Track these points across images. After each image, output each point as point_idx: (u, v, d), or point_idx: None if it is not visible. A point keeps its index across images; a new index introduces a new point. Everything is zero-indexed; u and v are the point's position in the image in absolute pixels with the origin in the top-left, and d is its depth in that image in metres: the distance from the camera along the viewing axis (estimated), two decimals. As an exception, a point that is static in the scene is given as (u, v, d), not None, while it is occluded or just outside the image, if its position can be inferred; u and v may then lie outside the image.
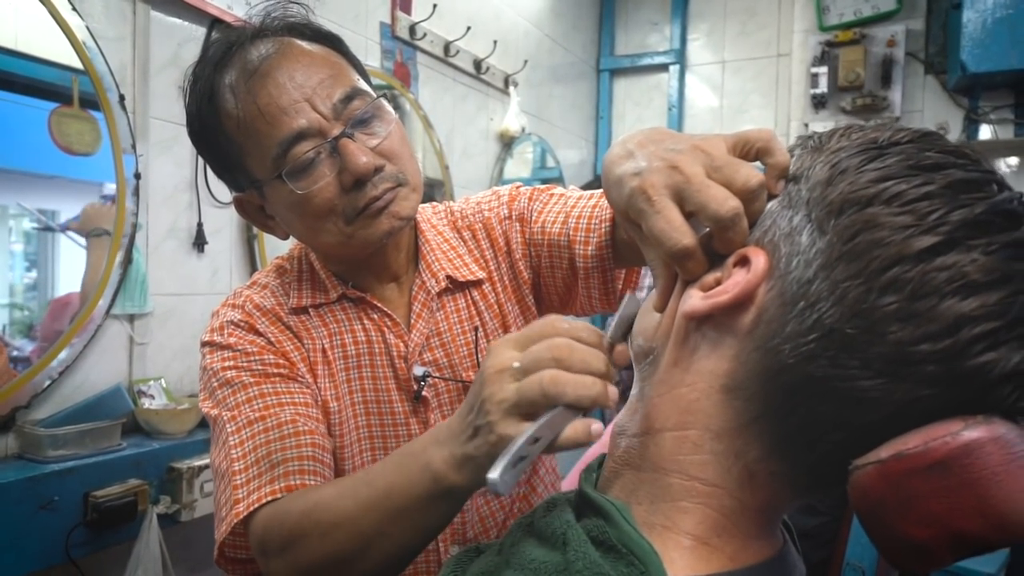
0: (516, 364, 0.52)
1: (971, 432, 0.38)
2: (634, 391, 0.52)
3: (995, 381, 0.38)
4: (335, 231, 0.80)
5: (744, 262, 0.44)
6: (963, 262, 0.38)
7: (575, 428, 0.50)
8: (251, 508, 0.72)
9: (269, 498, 0.72)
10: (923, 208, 0.39)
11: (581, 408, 0.50)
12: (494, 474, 0.45)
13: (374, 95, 0.82)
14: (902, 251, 0.39)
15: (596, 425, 0.50)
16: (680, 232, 0.46)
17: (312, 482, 0.74)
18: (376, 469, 0.66)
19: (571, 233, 0.85)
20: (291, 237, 0.88)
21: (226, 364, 0.82)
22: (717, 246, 0.46)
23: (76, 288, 1.50)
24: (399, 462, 0.63)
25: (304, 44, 0.81)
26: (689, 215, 0.46)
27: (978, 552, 0.40)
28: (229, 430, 0.78)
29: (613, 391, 0.51)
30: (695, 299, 0.46)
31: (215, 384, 0.82)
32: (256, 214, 0.87)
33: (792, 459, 0.43)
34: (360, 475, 0.68)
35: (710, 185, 0.45)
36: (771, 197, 0.46)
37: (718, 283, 0.45)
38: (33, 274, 1.53)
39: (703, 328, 0.46)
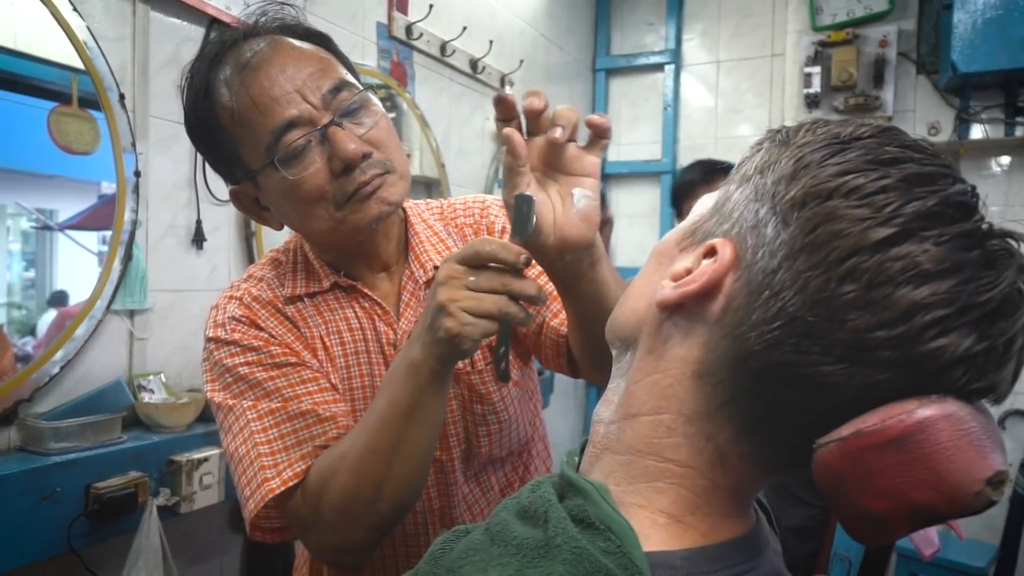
0: (472, 278, 0.67)
1: (925, 410, 0.40)
2: (611, 384, 0.54)
3: (947, 365, 0.40)
4: (326, 216, 0.82)
5: (712, 253, 0.46)
6: (916, 252, 0.39)
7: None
8: (287, 484, 0.78)
9: (303, 475, 0.79)
10: (880, 201, 0.41)
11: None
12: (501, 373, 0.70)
13: (361, 87, 0.85)
14: (860, 242, 0.40)
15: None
16: None
17: None
18: (373, 402, 0.77)
19: None
20: (285, 228, 0.90)
21: (236, 360, 0.85)
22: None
23: (73, 289, 1.52)
24: (386, 380, 0.76)
25: (295, 41, 0.84)
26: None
27: (931, 523, 0.42)
28: (250, 416, 0.82)
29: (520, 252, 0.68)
30: (666, 289, 0.48)
31: (230, 379, 0.85)
32: (251, 206, 0.89)
33: (760, 441, 0.45)
34: (364, 415, 0.78)
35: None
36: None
37: (689, 274, 0.47)
38: (31, 273, 1.54)
39: (675, 317, 0.48)
